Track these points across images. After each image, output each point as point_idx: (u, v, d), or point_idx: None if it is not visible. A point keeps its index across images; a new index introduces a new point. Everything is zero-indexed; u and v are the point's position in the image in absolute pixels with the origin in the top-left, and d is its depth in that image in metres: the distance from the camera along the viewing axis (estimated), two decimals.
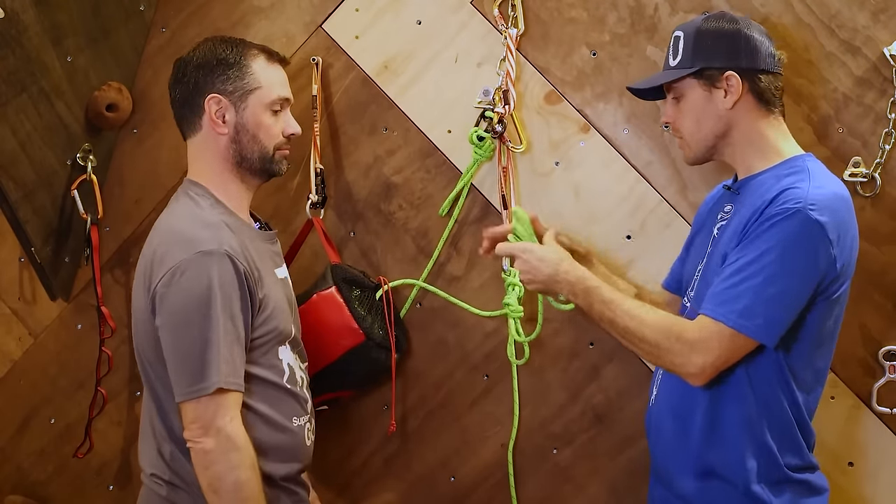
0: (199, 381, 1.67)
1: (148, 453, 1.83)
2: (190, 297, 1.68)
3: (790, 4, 2.06)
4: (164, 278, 1.69)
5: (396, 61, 2.24)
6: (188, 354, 1.68)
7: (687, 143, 1.85)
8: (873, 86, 2.05)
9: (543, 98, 2.19)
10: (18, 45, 1.97)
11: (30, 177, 2.09)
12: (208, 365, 1.67)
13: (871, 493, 2.10)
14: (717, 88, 1.78)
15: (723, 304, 1.65)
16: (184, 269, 1.68)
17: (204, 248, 1.69)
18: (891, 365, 2.07)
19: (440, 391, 2.27)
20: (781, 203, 1.64)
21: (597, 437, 2.22)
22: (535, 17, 2.18)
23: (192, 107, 1.83)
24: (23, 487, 2.39)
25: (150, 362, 1.78)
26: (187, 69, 1.84)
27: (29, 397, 2.38)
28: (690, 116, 1.82)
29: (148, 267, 1.75)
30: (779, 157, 1.78)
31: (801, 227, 1.62)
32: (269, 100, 1.84)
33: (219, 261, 1.69)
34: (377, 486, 2.31)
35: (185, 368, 1.68)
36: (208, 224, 1.76)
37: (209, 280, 1.68)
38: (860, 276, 2.05)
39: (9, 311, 2.37)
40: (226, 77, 1.81)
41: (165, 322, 1.70)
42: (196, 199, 1.81)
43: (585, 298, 1.76)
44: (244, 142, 1.83)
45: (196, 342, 1.67)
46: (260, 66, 1.84)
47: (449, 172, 2.23)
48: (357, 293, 2.15)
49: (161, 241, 1.76)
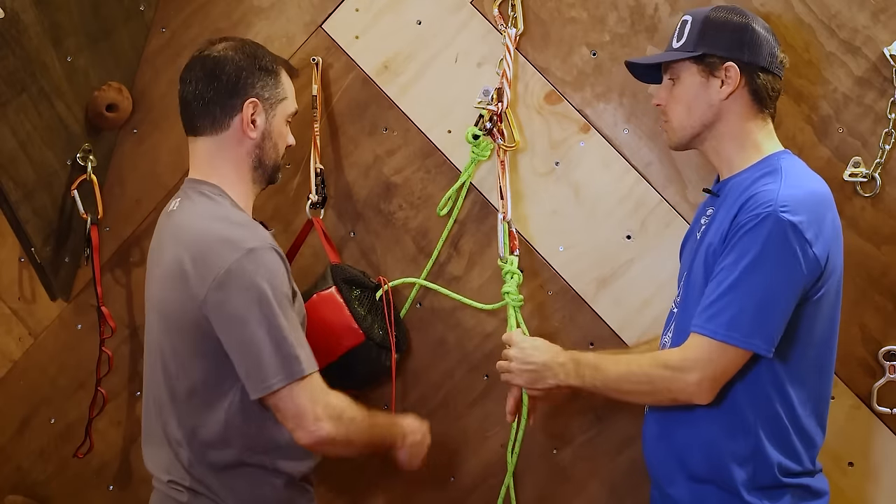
0: (286, 369, 1.68)
1: (162, 459, 1.81)
2: (251, 295, 1.68)
3: (790, 4, 2.07)
4: (216, 282, 1.68)
5: (396, 61, 2.25)
6: (263, 350, 1.67)
7: (672, 128, 1.85)
8: (873, 86, 2.05)
9: (543, 98, 2.19)
10: (18, 45, 1.97)
11: (30, 177, 2.09)
12: (291, 355, 1.68)
13: (871, 493, 2.10)
14: (714, 77, 1.78)
15: (710, 319, 1.66)
16: (236, 269, 1.68)
17: (250, 246, 1.70)
18: (891, 365, 2.07)
19: (440, 391, 2.27)
20: (752, 209, 1.64)
21: (597, 437, 2.22)
22: (535, 17, 2.18)
23: (225, 106, 1.81)
24: (23, 487, 2.39)
25: (181, 366, 1.76)
26: (225, 67, 1.81)
27: (29, 397, 2.38)
28: (683, 101, 1.82)
29: (185, 271, 1.71)
30: (758, 155, 1.78)
31: (774, 231, 1.62)
32: (290, 111, 1.89)
33: (268, 255, 1.71)
34: (377, 486, 2.31)
35: (264, 362, 1.68)
36: (240, 223, 1.77)
37: (264, 276, 1.69)
38: (860, 276, 2.06)
39: (9, 311, 2.37)
40: (264, 83, 1.83)
41: (229, 324, 1.69)
42: (215, 199, 1.80)
43: (577, 372, 1.79)
44: (266, 148, 1.84)
45: (267, 337, 1.68)
46: (285, 78, 1.88)
47: (449, 172, 2.23)
48: (357, 293, 2.15)
49: (195, 243, 1.73)
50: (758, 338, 1.64)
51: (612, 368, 1.77)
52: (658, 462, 1.86)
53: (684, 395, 1.69)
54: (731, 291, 1.64)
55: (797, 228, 1.62)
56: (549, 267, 2.20)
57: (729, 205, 1.73)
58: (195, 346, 1.73)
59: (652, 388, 1.72)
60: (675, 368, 1.68)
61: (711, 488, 1.74)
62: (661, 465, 1.85)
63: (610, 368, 1.77)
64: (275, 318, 1.68)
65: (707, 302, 1.68)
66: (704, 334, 1.66)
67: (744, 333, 1.63)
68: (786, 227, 1.61)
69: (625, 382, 1.75)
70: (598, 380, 1.77)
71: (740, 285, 1.63)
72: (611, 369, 1.77)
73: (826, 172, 2.05)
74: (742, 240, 1.64)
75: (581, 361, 1.80)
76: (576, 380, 1.79)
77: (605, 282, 2.18)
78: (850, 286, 2.06)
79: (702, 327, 1.67)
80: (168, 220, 1.83)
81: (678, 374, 1.68)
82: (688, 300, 1.80)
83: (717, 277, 1.68)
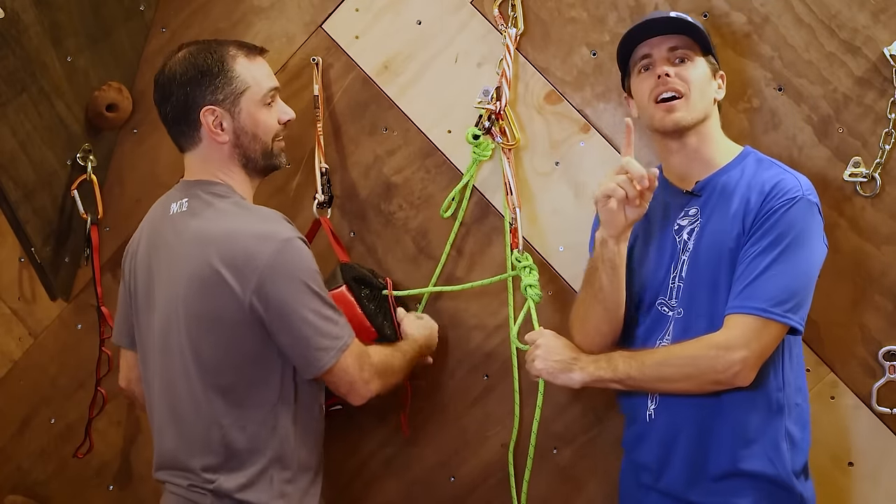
0: (335, 350, 1.76)
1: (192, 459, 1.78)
2: (295, 284, 1.73)
3: (790, 4, 2.07)
4: (260, 278, 1.70)
5: (396, 61, 2.25)
6: (313, 334, 1.74)
7: (691, 101, 1.82)
8: (873, 86, 2.05)
9: (544, 98, 2.19)
10: (18, 45, 1.97)
11: (30, 177, 2.09)
12: (332, 333, 1.77)
13: (871, 493, 2.10)
14: (714, 78, 1.90)
15: (749, 298, 1.71)
16: (277, 261, 1.71)
17: (285, 237, 1.74)
18: (891, 365, 2.07)
19: (440, 391, 2.27)
20: (782, 195, 1.74)
21: (597, 437, 2.22)
22: (535, 17, 2.18)
23: (187, 122, 1.82)
24: (23, 487, 2.40)
25: (235, 366, 1.76)
26: (172, 87, 1.81)
27: (29, 397, 2.38)
28: (698, 84, 1.85)
29: (217, 271, 1.71)
30: (730, 153, 1.88)
31: (807, 211, 1.74)
32: (260, 96, 1.84)
33: (299, 245, 1.75)
34: (377, 486, 2.31)
35: (317, 343, 1.75)
36: (266, 217, 1.79)
37: (303, 262, 1.75)
38: (860, 276, 2.06)
39: (9, 311, 2.37)
40: (214, 87, 1.80)
41: (280, 315, 1.73)
42: (230, 197, 1.81)
43: (609, 364, 1.81)
44: (245, 143, 1.83)
45: (316, 321, 1.74)
46: (242, 65, 1.83)
47: (449, 172, 2.23)
48: (366, 292, 2.15)
49: (227, 242, 1.73)
50: (796, 313, 1.71)
51: (648, 356, 1.79)
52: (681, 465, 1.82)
53: (729, 374, 1.70)
54: (770, 269, 1.70)
55: (819, 210, 1.76)
56: (550, 267, 2.20)
57: (730, 198, 1.79)
58: (236, 345, 1.74)
59: (696, 370, 1.73)
60: (721, 347, 1.70)
61: (760, 483, 1.75)
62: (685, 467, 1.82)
63: (646, 356, 1.79)
64: (318, 301, 1.75)
65: (743, 284, 1.72)
66: (746, 313, 1.70)
67: (785, 309, 1.70)
68: (814, 208, 1.75)
69: (666, 367, 1.76)
70: (634, 368, 1.77)
71: (779, 264, 1.70)
72: (648, 356, 1.79)
73: (826, 172, 2.06)
74: (779, 221, 1.72)
75: (612, 355, 1.83)
76: (607, 371, 1.80)
77: None
78: (850, 286, 2.07)
79: (742, 307, 1.71)
80: (180, 221, 1.80)
81: (723, 353, 1.70)
82: (693, 298, 1.80)
83: (751, 261, 1.72)
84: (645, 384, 1.80)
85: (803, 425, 1.81)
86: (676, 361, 1.75)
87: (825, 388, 2.09)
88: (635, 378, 1.78)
